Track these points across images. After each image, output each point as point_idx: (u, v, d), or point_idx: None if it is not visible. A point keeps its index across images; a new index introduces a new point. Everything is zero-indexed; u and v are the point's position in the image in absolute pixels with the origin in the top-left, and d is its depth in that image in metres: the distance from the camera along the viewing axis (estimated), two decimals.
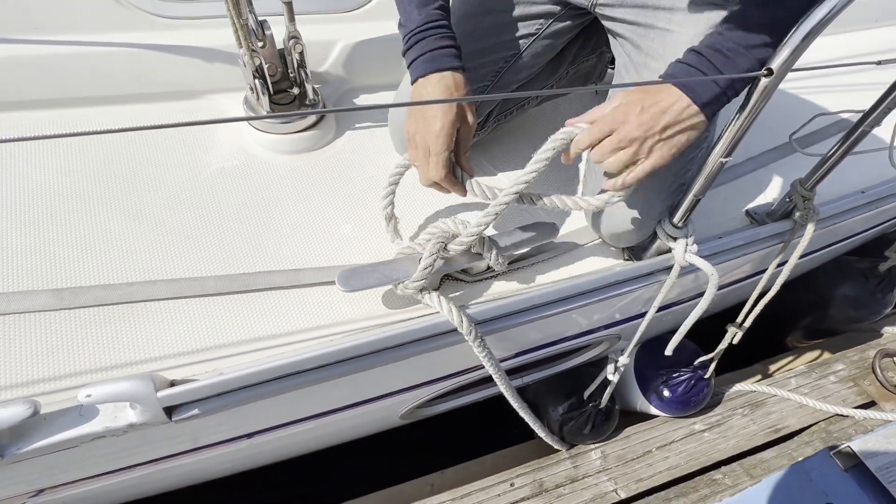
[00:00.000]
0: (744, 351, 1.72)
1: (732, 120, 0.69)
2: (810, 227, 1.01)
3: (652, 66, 0.82)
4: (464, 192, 0.80)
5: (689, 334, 1.03)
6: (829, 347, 1.79)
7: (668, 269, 0.94)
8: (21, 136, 0.94)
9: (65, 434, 0.66)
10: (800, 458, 1.36)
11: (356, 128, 1.10)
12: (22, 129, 0.96)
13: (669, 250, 0.92)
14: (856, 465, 1.29)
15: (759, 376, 1.70)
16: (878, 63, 0.68)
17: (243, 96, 1.04)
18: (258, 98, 0.98)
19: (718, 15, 0.79)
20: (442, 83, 0.76)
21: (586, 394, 1.37)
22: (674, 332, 1.05)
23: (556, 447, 1.39)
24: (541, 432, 1.22)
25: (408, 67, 0.80)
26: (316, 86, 1.05)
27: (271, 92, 0.99)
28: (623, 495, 1.31)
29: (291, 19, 0.93)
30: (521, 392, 1.44)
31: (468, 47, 0.93)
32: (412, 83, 0.79)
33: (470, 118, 0.78)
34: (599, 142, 0.69)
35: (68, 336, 0.73)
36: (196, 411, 0.71)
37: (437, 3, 0.78)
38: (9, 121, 0.97)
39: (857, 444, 1.30)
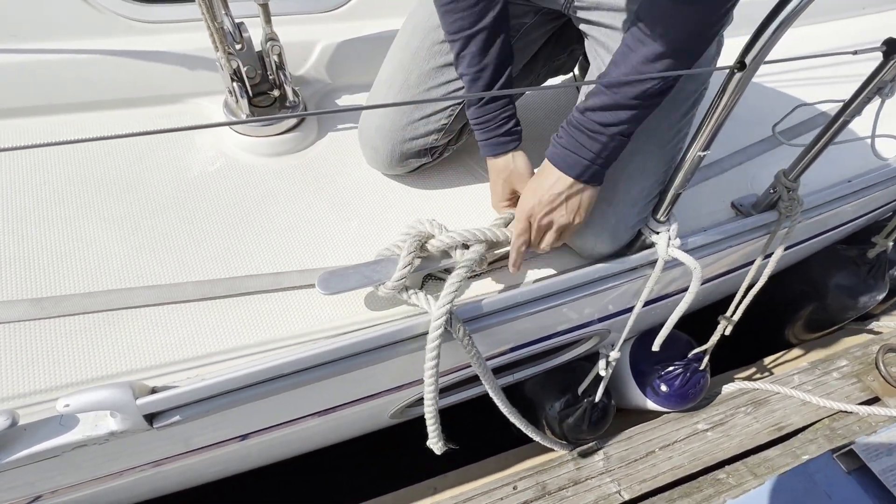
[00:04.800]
0: (745, 348, 1.72)
1: (708, 114, 0.69)
2: (795, 218, 1.01)
3: None
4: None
5: (684, 327, 1.02)
6: (832, 343, 1.78)
7: (653, 263, 0.94)
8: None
9: (45, 444, 0.66)
10: (804, 456, 1.35)
11: (338, 129, 1.10)
12: (1, 136, 0.95)
13: (654, 244, 0.91)
14: (859, 467, 1.28)
15: (761, 374, 1.70)
16: (855, 53, 0.68)
17: (223, 99, 1.03)
18: (237, 101, 0.97)
19: None
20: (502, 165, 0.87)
21: (580, 389, 1.37)
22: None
23: (551, 447, 1.39)
24: (531, 433, 1.22)
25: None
26: (296, 87, 1.04)
27: (250, 95, 0.98)
28: (627, 496, 1.30)
29: (268, 21, 0.93)
30: (517, 389, 1.45)
31: (436, 61, 0.91)
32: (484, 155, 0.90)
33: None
34: (529, 239, 0.83)
35: (48, 345, 0.73)
36: (177, 418, 0.71)
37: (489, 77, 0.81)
38: None
39: (861, 446, 1.29)
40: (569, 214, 0.81)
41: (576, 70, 1.23)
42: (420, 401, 1.14)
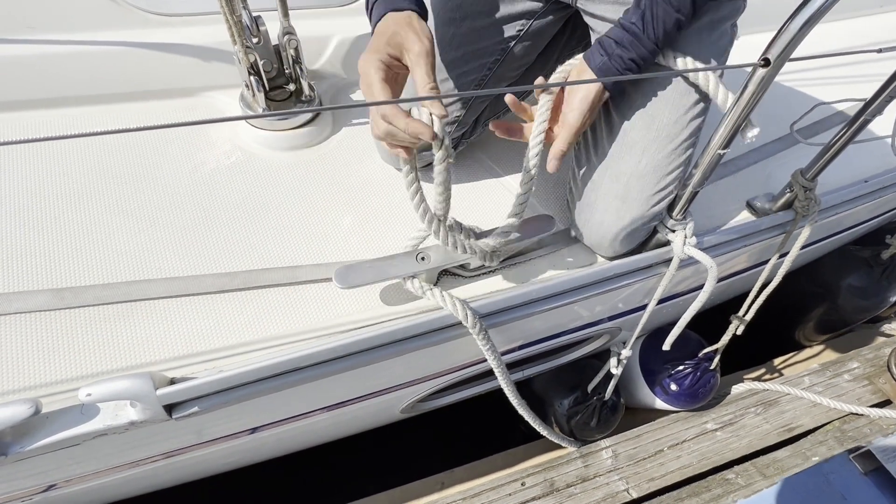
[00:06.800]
0: (755, 348, 1.71)
1: (729, 111, 0.68)
2: (812, 218, 1.00)
3: None
4: (427, 131, 0.63)
5: (694, 326, 1.02)
6: (843, 345, 1.76)
7: (668, 261, 0.93)
8: (17, 137, 0.95)
9: (66, 433, 0.67)
10: (814, 458, 1.34)
11: (353, 123, 1.10)
12: (18, 129, 0.96)
13: (668, 243, 0.91)
14: (876, 468, 1.26)
15: (771, 374, 1.69)
16: (879, 51, 0.67)
17: (239, 93, 1.04)
18: (254, 95, 0.98)
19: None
20: (398, 18, 0.68)
21: (590, 387, 1.37)
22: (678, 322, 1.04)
23: (560, 444, 1.39)
24: (542, 430, 1.22)
25: (369, 15, 0.73)
26: (312, 81, 1.04)
27: (267, 88, 0.98)
28: (635, 495, 1.30)
29: (285, 14, 0.93)
30: (526, 385, 1.45)
31: (447, 55, 0.91)
32: (372, 30, 0.71)
33: (421, 41, 0.67)
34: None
35: (69, 335, 0.74)
36: (196, 409, 0.72)
37: None
38: (5, 122, 0.97)
39: (878, 447, 1.28)
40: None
41: None
42: (431, 395, 1.15)
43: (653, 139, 0.83)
